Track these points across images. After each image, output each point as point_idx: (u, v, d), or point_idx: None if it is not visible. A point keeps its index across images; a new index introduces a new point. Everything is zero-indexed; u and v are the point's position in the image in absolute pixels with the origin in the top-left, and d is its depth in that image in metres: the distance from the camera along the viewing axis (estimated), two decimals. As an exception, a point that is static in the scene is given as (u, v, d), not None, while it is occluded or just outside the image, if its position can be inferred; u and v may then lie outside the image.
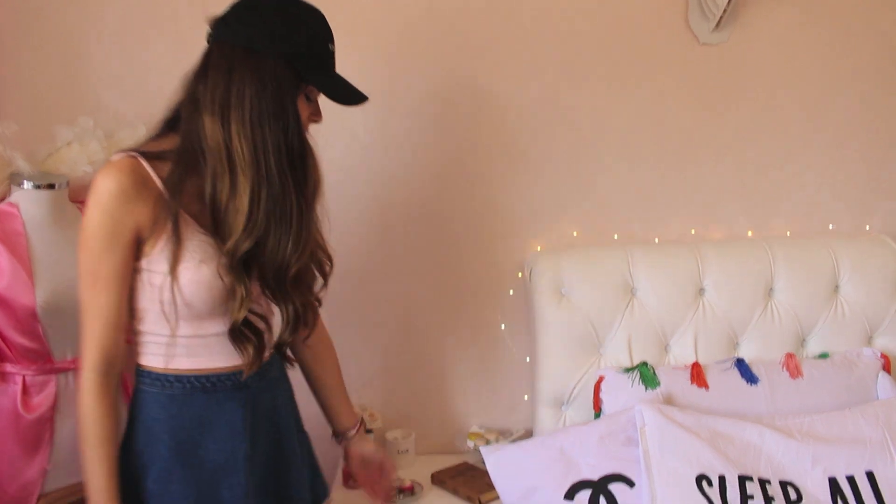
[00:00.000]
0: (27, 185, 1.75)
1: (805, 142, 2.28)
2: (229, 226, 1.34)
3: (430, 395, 2.36)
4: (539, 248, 2.23)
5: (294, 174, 1.36)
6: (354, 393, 2.28)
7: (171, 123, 1.41)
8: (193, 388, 1.42)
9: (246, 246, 1.34)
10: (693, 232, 2.29)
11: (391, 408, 2.35)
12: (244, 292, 1.36)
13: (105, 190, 1.30)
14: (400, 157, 2.22)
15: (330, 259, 1.57)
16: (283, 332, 1.49)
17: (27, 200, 1.75)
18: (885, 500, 1.72)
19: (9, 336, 1.70)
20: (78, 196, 1.85)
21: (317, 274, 1.55)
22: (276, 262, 1.38)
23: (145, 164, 1.34)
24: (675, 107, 2.24)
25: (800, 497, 1.73)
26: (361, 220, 2.25)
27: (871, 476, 1.76)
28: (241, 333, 1.41)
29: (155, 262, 1.35)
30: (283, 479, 1.57)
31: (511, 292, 2.29)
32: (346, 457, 1.80)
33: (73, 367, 1.72)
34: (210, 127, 1.32)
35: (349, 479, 2.13)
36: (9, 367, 1.71)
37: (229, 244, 1.34)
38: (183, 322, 1.38)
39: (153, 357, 1.42)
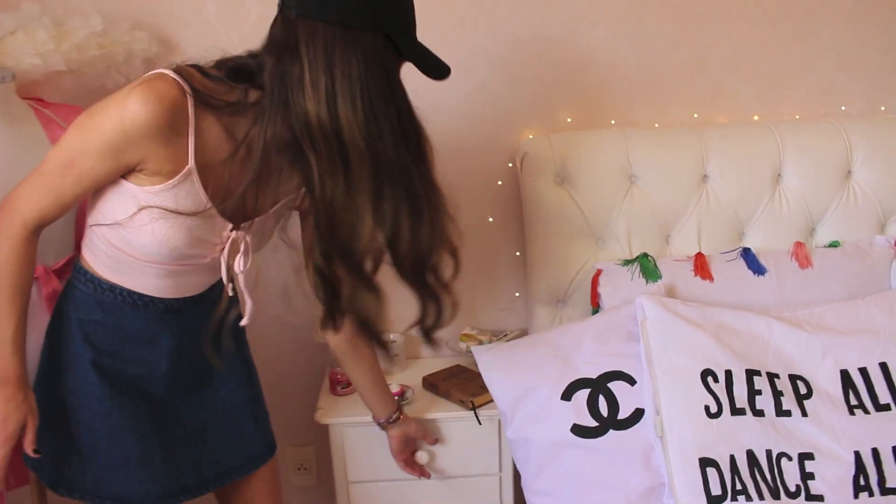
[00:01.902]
0: (-33, 79, 1.59)
1: (819, 17, 2.11)
2: (348, 224, 1.24)
3: (418, 295, 2.25)
4: (531, 136, 2.09)
5: (414, 159, 1.26)
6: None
7: (234, 76, 1.28)
8: (124, 302, 1.42)
9: (372, 249, 1.27)
10: (696, 116, 2.16)
11: (378, 310, 2.25)
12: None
13: (134, 113, 1.19)
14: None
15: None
16: (430, 319, 1.43)
17: (-33, 97, 1.60)
18: (901, 391, 1.66)
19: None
20: (29, 92, 1.71)
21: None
22: (416, 254, 1.30)
23: (191, 107, 1.23)
24: (678, -23, 2.07)
25: (810, 391, 1.67)
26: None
27: (884, 367, 1.70)
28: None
29: (139, 193, 1.28)
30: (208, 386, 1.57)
31: (500, 182, 2.16)
32: (389, 438, 1.86)
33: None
34: (315, 115, 1.18)
35: (336, 386, 2.06)
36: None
37: (357, 252, 1.27)
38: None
39: (96, 260, 1.41)
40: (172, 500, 1.48)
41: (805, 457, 1.59)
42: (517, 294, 2.24)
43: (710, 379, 1.63)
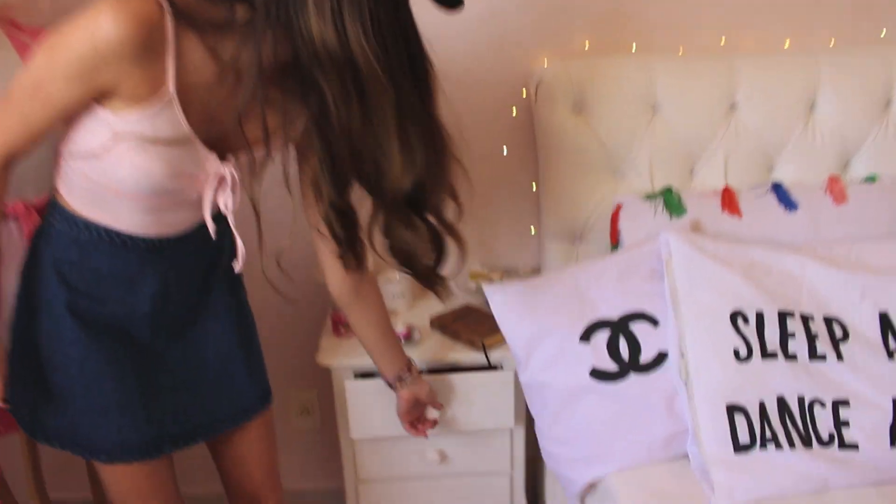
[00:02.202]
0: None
1: (857, -71, 1.97)
2: (372, 159, 1.19)
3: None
4: (546, 63, 1.96)
5: (421, 94, 1.20)
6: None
7: None
8: (101, 240, 1.31)
9: (407, 187, 1.21)
10: (723, 41, 2.02)
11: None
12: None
13: (106, 32, 1.07)
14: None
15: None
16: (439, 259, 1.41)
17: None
18: (945, 336, 1.56)
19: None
20: (2, 15, 1.59)
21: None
22: (417, 193, 1.25)
23: (170, 24, 1.11)
24: None
25: (846, 334, 1.57)
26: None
27: (927, 311, 1.60)
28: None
29: (115, 121, 1.16)
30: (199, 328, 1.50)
31: (514, 112, 2.04)
32: (398, 398, 1.73)
33: (13, 213, 1.53)
34: (321, 38, 1.08)
35: (339, 327, 1.97)
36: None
37: (389, 189, 1.21)
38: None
39: (71, 194, 1.30)
40: (155, 451, 1.41)
41: (840, 403, 1.50)
42: (532, 230, 2.14)
43: (739, 320, 1.54)
